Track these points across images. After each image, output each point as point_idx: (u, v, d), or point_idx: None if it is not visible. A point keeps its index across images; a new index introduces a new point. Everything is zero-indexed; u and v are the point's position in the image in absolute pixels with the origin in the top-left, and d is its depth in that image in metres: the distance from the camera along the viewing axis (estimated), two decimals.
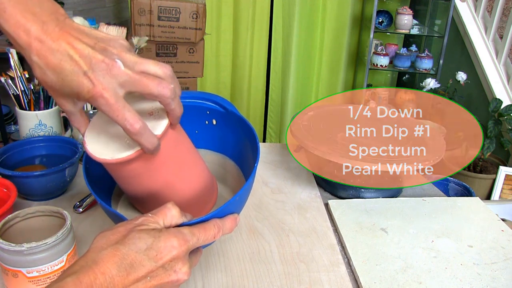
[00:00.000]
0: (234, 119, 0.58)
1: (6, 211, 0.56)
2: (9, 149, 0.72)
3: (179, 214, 0.42)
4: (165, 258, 0.37)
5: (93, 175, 0.51)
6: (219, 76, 2.52)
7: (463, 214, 0.71)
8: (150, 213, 0.41)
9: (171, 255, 0.38)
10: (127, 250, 0.36)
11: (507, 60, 2.11)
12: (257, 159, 0.49)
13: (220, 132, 0.61)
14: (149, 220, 0.40)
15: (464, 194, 1.85)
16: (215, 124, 0.61)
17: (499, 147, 1.91)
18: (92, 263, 0.35)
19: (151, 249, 0.37)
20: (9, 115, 2.44)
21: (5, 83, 0.76)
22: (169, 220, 0.41)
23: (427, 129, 0.85)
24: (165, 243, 0.38)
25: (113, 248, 0.36)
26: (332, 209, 0.71)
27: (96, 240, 0.38)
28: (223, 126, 0.60)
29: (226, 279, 0.55)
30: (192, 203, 0.53)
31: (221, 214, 0.44)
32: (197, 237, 0.41)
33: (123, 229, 0.39)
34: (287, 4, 2.40)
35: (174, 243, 0.38)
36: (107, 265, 0.35)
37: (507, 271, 0.58)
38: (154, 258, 0.37)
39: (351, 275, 0.58)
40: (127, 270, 0.36)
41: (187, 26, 1.63)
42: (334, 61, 2.63)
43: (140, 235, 0.38)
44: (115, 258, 0.36)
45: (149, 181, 0.48)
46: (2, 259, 0.46)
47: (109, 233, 0.38)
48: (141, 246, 0.37)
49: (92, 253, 0.36)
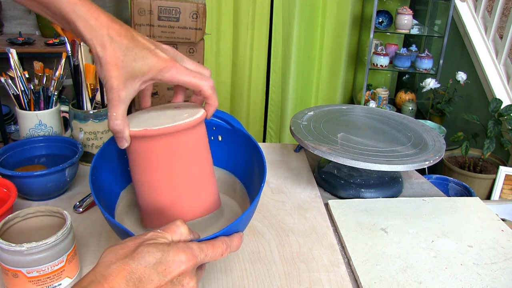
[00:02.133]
0: (240, 136, 0.60)
1: (6, 211, 0.56)
2: (9, 149, 0.72)
3: (188, 231, 0.42)
4: (173, 273, 0.38)
5: (99, 186, 0.52)
6: (219, 76, 2.52)
7: (463, 214, 0.71)
8: (159, 229, 0.42)
9: (180, 269, 0.38)
10: (136, 265, 0.36)
11: (507, 60, 2.11)
12: (263, 180, 0.51)
13: (226, 148, 0.62)
14: (157, 235, 0.40)
15: (464, 194, 1.85)
16: (220, 140, 0.62)
17: (499, 147, 1.91)
18: (101, 278, 0.35)
19: (160, 263, 0.37)
20: (9, 115, 2.44)
21: (5, 83, 0.76)
22: (177, 237, 0.42)
23: (427, 129, 0.85)
24: (173, 257, 0.38)
25: (122, 263, 0.36)
26: (332, 209, 0.71)
27: (105, 255, 0.38)
28: (228, 142, 0.62)
29: (226, 279, 0.55)
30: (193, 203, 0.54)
31: (228, 233, 0.45)
32: (205, 253, 0.41)
33: (132, 244, 0.39)
34: (287, 4, 2.40)
35: (182, 258, 0.38)
36: (116, 279, 0.35)
37: (507, 271, 0.58)
38: (162, 272, 0.37)
39: (351, 275, 0.58)
40: (136, 285, 0.36)
41: (187, 26, 1.63)
42: (334, 61, 2.63)
43: (149, 249, 0.38)
44: (124, 272, 0.36)
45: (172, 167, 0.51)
46: (2, 259, 0.46)
47: (118, 247, 0.38)
48: (150, 261, 0.37)
49: (101, 267, 0.36)
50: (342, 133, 0.79)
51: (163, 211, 0.52)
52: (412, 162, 0.69)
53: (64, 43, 0.94)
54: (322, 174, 0.81)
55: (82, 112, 0.78)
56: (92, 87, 0.80)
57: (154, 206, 0.52)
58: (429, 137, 0.81)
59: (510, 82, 2.05)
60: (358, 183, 0.77)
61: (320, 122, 0.84)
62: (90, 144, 0.80)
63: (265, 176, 0.51)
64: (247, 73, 2.51)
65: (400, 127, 0.85)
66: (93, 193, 0.48)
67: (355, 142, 0.76)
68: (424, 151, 0.74)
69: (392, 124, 0.86)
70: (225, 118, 0.61)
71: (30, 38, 2.27)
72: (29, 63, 0.74)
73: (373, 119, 0.89)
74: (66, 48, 0.75)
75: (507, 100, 2.01)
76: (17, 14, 2.47)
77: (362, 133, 0.80)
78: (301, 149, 0.95)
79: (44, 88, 0.78)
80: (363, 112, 0.93)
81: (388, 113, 0.92)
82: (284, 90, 2.58)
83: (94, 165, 0.52)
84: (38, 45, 2.21)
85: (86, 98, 0.80)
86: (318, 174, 0.82)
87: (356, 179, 0.77)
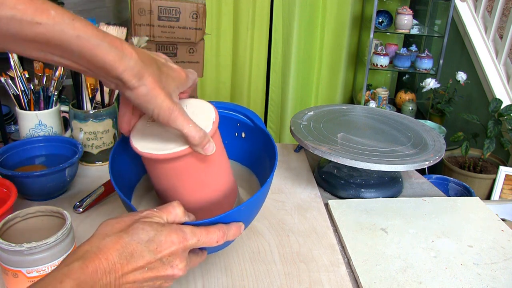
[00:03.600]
0: (260, 134, 0.60)
1: (6, 211, 0.56)
2: (9, 149, 0.72)
3: (183, 213, 0.44)
4: (164, 252, 0.39)
5: (117, 171, 0.52)
6: (219, 76, 2.52)
7: (463, 214, 0.71)
8: (156, 208, 0.43)
9: (170, 250, 0.39)
10: (129, 240, 0.38)
11: (507, 60, 2.11)
12: (271, 176, 0.51)
13: (247, 145, 0.62)
14: (153, 214, 0.42)
15: (464, 194, 1.85)
16: (243, 137, 0.63)
17: (499, 147, 1.90)
18: (96, 249, 0.37)
19: (152, 241, 0.39)
20: (9, 115, 2.44)
21: (5, 83, 0.76)
22: (172, 217, 0.43)
23: (427, 129, 0.85)
24: (165, 237, 0.39)
25: (117, 236, 0.38)
26: (332, 209, 0.71)
27: (101, 227, 0.40)
28: (250, 139, 0.62)
29: (226, 279, 0.55)
30: (217, 204, 0.54)
31: (226, 220, 0.45)
32: (198, 238, 0.42)
33: (128, 219, 0.40)
34: (287, 4, 2.40)
35: (174, 239, 0.40)
36: (110, 251, 0.37)
37: (507, 271, 0.58)
38: (154, 250, 0.39)
39: (351, 275, 0.58)
40: (127, 259, 0.37)
41: (187, 26, 1.63)
42: (334, 61, 2.63)
43: (143, 226, 0.39)
44: (117, 245, 0.37)
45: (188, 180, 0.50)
46: (2, 259, 0.46)
47: (114, 221, 0.40)
48: (143, 238, 0.38)
49: (96, 239, 0.38)
50: (342, 133, 0.79)
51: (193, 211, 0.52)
52: (412, 162, 0.69)
53: None
54: (322, 174, 0.81)
55: (82, 112, 0.78)
56: (92, 87, 0.80)
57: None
58: (429, 137, 0.81)
59: (510, 82, 2.05)
60: (358, 183, 0.77)
61: (320, 122, 0.84)
62: (90, 144, 0.80)
63: (273, 172, 0.51)
64: (247, 73, 2.51)
65: (400, 127, 0.85)
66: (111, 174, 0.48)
67: (355, 142, 0.76)
68: (424, 151, 0.74)
69: (392, 124, 0.86)
70: (248, 115, 0.61)
71: None
72: (29, 63, 0.74)
73: (373, 119, 0.89)
74: None
75: (507, 100, 2.00)
76: None
77: (362, 133, 0.80)
78: (301, 149, 0.95)
79: (44, 88, 0.78)
80: (363, 112, 0.93)
81: (388, 113, 0.92)
82: (284, 90, 2.58)
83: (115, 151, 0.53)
84: None
85: (86, 98, 0.80)
86: (318, 174, 0.82)
87: (356, 179, 0.77)
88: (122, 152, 0.55)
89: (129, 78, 0.40)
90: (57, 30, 0.36)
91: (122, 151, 0.55)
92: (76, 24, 0.37)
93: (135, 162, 0.58)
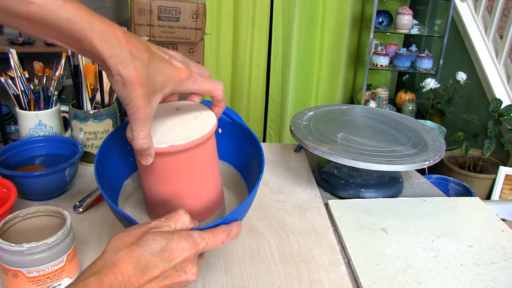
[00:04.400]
0: (240, 130, 0.60)
1: (6, 211, 0.56)
2: (9, 149, 0.72)
3: (190, 220, 0.44)
4: (176, 260, 0.40)
5: (104, 177, 0.52)
6: (219, 76, 2.52)
7: (463, 214, 0.71)
8: (163, 218, 0.43)
9: (182, 256, 0.40)
10: (142, 251, 0.38)
11: (507, 60, 2.11)
12: (261, 171, 0.51)
13: (225, 140, 0.63)
14: (162, 224, 0.42)
15: (464, 194, 1.85)
16: (220, 132, 0.63)
17: (499, 147, 1.91)
18: (111, 263, 0.37)
19: (165, 250, 0.39)
20: (9, 115, 2.44)
21: (5, 83, 0.76)
22: (180, 225, 0.43)
23: (427, 129, 0.85)
24: (177, 245, 0.40)
25: (129, 249, 0.38)
26: (332, 209, 0.71)
27: (112, 242, 0.40)
28: (228, 135, 0.62)
29: (226, 279, 0.55)
30: (205, 207, 0.55)
31: (228, 221, 0.47)
32: (206, 241, 0.43)
33: (138, 232, 0.40)
34: (287, 4, 2.40)
35: (185, 246, 0.40)
36: (124, 265, 0.37)
37: (507, 271, 0.58)
38: (167, 259, 0.39)
39: (351, 275, 0.58)
40: (142, 270, 0.38)
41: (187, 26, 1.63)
42: (334, 61, 2.63)
43: (154, 237, 0.39)
44: (131, 258, 0.38)
45: (180, 179, 0.51)
46: (2, 259, 0.46)
47: (124, 235, 0.40)
48: (155, 248, 0.39)
49: (109, 254, 0.38)
50: (342, 133, 0.79)
51: (174, 205, 0.53)
52: (412, 162, 0.69)
53: None
54: (322, 174, 0.81)
55: (82, 112, 0.78)
56: (92, 87, 0.80)
57: (168, 206, 0.53)
58: (429, 137, 0.81)
59: (510, 82, 2.05)
60: (358, 183, 0.77)
61: (320, 122, 0.84)
62: (90, 144, 0.80)
63: (263, 168, 0.52)
64: (247, 73, 2.51)
65: (400, 127, 0.85)
66: (98, 183, 0.48)
67: (355, 142, 0.76)
68: (424, 151, 0.74)
69: (392, 124, 0.86)
70: (225, 111, 0.61)
71: (30, 38, 2.27)
72: (29, 63, 0.74)
73: (373, 119, 0.89)
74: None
75: (507, 100, 2.00)
76: None
77: (362, 133, 0.80)
78: (301, 149, 0.95)
79: (44, 88, 0.78)
80: (363, 112, 0.93)
81: (388, 113, 0.92)
82: (284, 90, 2.58)
83: (98, 158, 0.52)
84: (38, 45, 2.21)
85: (86, 98, 0.80)
86: (318, 174, 0.82)
87: (356, 179, 0.77)
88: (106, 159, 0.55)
89: (112, 65, 0.41)
90: (48, 10, 0.38)
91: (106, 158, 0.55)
92: (68, 6, 0.38)
93: (120, 162, 0.59)
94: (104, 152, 0.54)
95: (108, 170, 0.55)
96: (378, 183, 0.77)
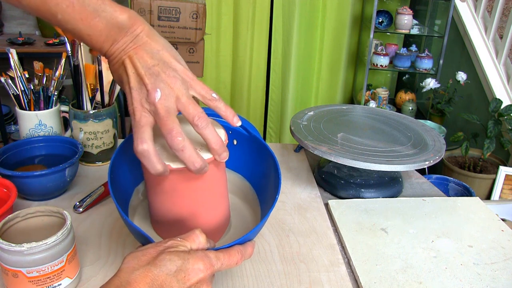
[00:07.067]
0: (256, 143, 0.60)
1: (6, 211, 0.56)
2: (9, 149, 0.72)
3: (205, 240, 0.44)
4: (192, 280, 0.39)
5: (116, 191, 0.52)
6: (219, 76, 2.52)
7: (463, 214, 0.71)
8: (179, 237, 0.43)
9: (198, 277, 0.40)
10: (158, 272, 0.38)
11: (507, 60, 2.11)
12: (277, 193, 0.51)
13: (240, 152, 0.63)
14: (178, 244, 0.42)
15: (464, 194, 1.85)
16: (235, 144, 0.63)
17: (499, 147, 1.91)
18: (126, 283, 0.37)
19: (181, 271, 0.39)
20: (9, 115, 2.44)
21: (5, 83, 0.76)
22: (196, 245, 0.43)
23: (427, 129, 0.85)
24: (193, 265, 0.40)
25: (145, 269, 0.38)
26: (332, 209, 0.71)
27: (127, 261, 0.40)
28: (243, 147, 0.63)
29: (226, 279, 0.55)
30: (219, 226, 0.56)
31: (242, 242, 0.47)
32: (222, 262, 0.43)
33: (153, 251, 0.40)
34: (287, 4, 2.40)
35: (201, 266, 0.40)
36: (140, 285, 0.37)
37: (507, 271, 0.58)
38: (182, 279, 0.39)
39: (351, 275, 0.58)
40: None
41: (187, 26, 1.63)
42: (334, 61, 2.63)
43: (170, 257, 0.39)
44: (147, 279, 0.37)
45: (186, 200, 0.51)
46: (2, 259, 0.46)
47: (140, 254, 0.40)
48: (171, 268, 0.39)
49: (125, 273, 0.38)
50: (342, 133, 0.79)
51: (182, 226, 0.53)
52: (412, 162, 0.69)
53: (64, 43, 0.94)
54: (322, 174, 0.81)
55: (82, 112, 0.78)
56: (92, 87, 0.80)
57: (174, 223, 0.53)
58: (429, 137, 0.81)
59: (510, 82, 2.05)
60: (358, 183, 0.77)
61: (320, 122, 0.84)
62: (90, 144, 0.80)
63: (279, 188, 0.52)
64: (247, 73, 2.51)
65: (400, 127, 0.85)
66: (112, 196, 0.48)
67: (355, 142, 0.76)
68: (424, 151, 0.74)
69: (392, 124, 0.86)
70: (243, 124, 0.61)
71: (30, 38, 2.27)
72: (29, 63, 0.74)
73: (373, 119, 0.89)
74: (66, 48, 0.75)
75: (507, 100, 2.01)
76: (17, 14, 2.47)
77: (362, 133, 0.80)
78: (301, 149, 0.95)
79: (44, 88, 0.78)
80: (363, 112, 0.93)
81: (388, 113, 0.92)
82: (284, 90, 2.58)
83: (113, 163, 0.52)
84: (38, 45, 2.21)
85: (86, 98, 0.80)
86: (318, 174, 0.82)
87: (356, 179, 0.77)
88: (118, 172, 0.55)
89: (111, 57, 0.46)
90: None
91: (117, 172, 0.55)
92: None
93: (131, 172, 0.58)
94: (115, 164, 0.53)
95: (119, 183, 0.55)
96: (378, 183, 0.77)
